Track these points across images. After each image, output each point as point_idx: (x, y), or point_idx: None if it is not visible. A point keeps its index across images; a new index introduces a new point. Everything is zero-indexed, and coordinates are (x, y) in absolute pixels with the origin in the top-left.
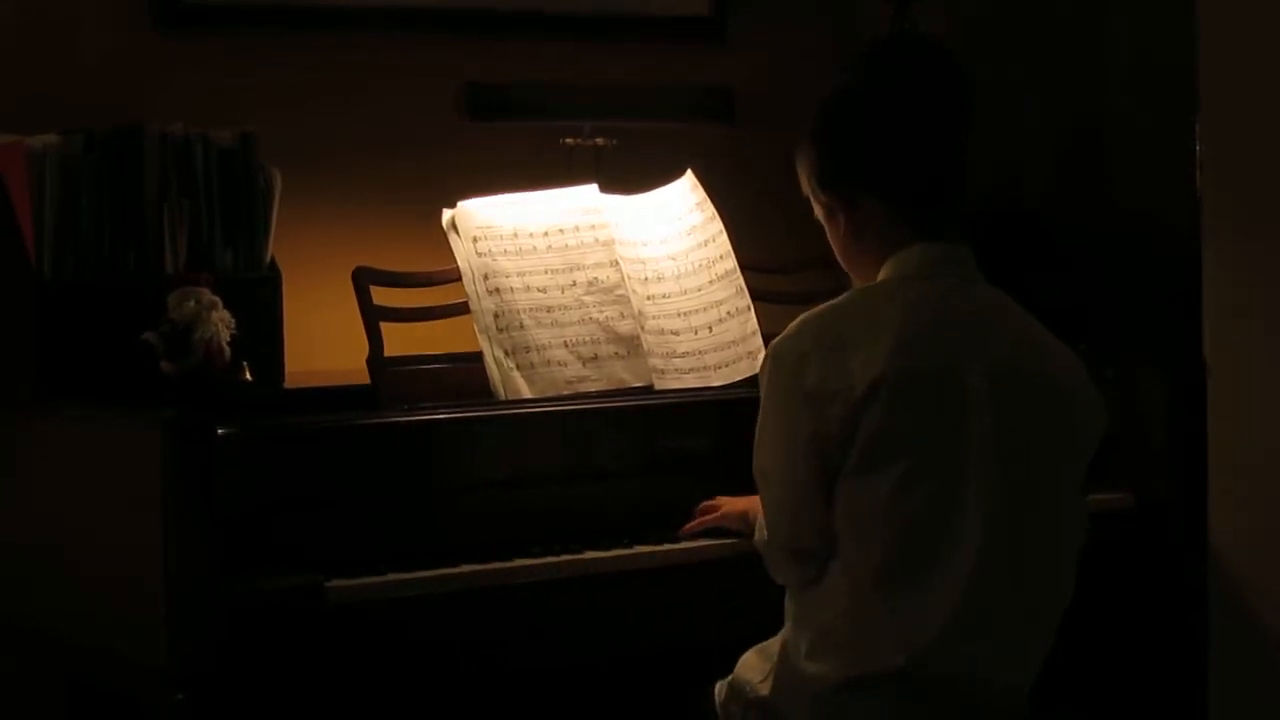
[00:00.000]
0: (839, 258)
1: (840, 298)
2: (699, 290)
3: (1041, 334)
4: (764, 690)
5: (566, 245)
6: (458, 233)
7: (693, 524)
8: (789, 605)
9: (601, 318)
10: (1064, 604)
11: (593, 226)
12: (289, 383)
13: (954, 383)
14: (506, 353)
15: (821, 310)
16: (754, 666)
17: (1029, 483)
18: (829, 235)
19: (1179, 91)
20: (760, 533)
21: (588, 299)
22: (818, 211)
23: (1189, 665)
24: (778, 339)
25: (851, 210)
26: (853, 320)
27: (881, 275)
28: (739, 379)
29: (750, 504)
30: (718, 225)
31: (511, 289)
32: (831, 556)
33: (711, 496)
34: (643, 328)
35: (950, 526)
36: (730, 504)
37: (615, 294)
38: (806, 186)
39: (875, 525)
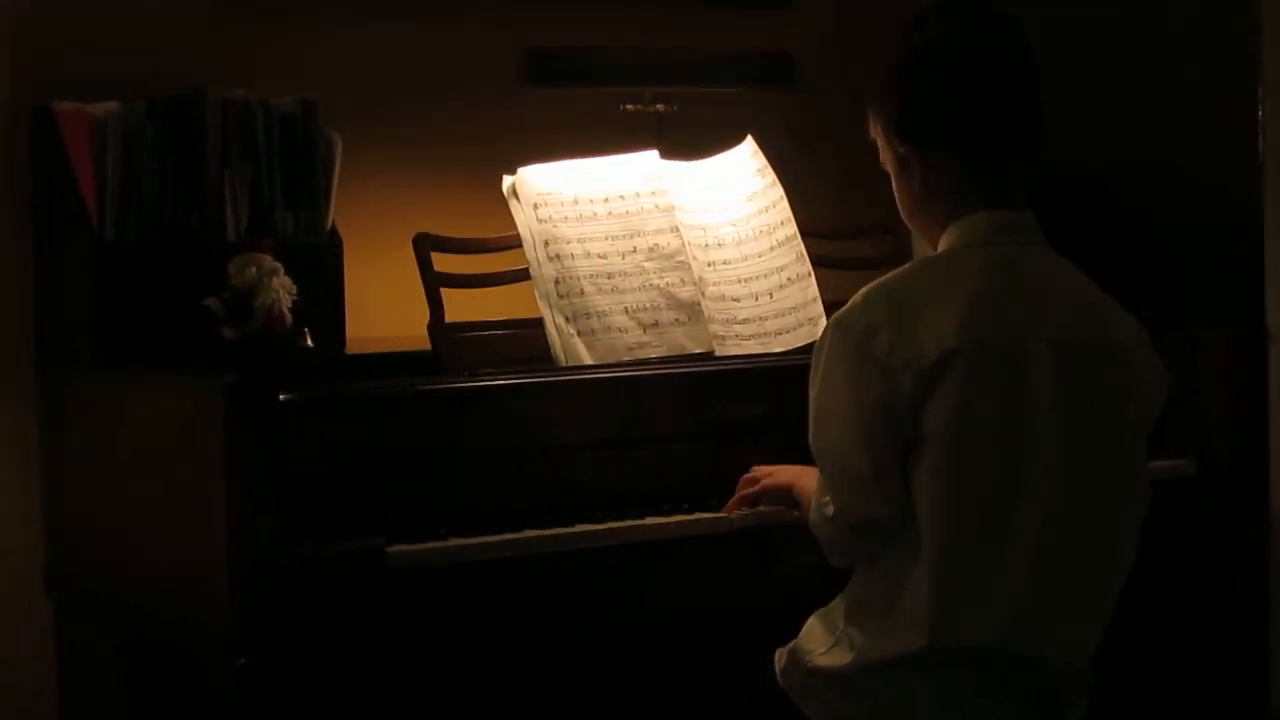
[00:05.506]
0: (903, 212)
1: (905, 267)
2: (759, 256)
3: (1104, 300)
4: (824, 661)
5: (627, 212)
6: (518, 199)
7: (734, 501)
8: (851, 579)
9: (662, 284)
10: (1125, 573)
11: (653, 193)
12: (350, 349)
13: (1018, 352)
14: (567, 319)
15: (887, 280)
16: (817, 636)
17: (1092, 451)
18: (895, 188)
19: (1242, 56)
20: (817, 512)
21: (648, 265)
22: (888, 163)
23: (1250, 629)
24: (842, 311)
25: (927, 166)
26: (920, 289)
27: (946, 241)
28: (800, 345)
29: (795, 477)
30: (778, 191)
31: (572, 255)
32: (896, 531)
33: (772, 463)
34: (703, 294)
35: (1016, 498)
36: (772, 476)
37: (676, 260)
38: (881, 138)
39: (941, 498)
